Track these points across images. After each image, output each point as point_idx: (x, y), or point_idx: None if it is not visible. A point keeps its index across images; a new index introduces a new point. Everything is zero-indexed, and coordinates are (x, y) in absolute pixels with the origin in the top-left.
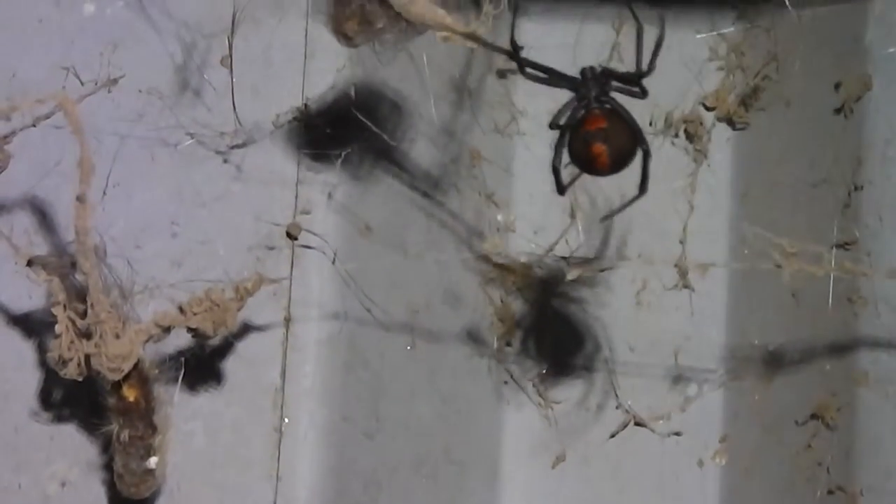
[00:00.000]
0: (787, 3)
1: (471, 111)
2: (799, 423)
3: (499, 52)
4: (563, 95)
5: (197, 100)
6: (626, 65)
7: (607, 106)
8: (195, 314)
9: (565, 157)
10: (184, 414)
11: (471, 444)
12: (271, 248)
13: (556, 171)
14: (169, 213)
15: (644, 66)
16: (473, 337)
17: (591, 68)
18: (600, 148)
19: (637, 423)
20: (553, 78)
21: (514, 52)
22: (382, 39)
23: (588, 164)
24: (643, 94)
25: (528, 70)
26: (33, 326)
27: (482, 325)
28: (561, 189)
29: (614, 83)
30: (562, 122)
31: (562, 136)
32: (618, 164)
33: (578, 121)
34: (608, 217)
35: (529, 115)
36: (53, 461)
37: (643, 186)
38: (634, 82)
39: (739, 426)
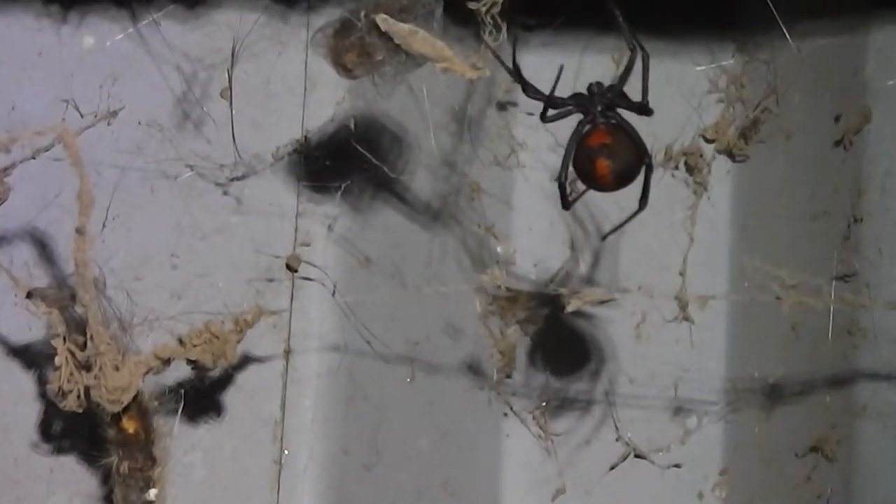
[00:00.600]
0: (787, 35)
1: (470, 143)
2: (799, 456)
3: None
4: (563, 131)
5: (197, 132)
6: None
7: (613, 121)
8: (195, 346)
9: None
10: (183, 446)
11: (470, 476)
12: (271, 281)
13: (560, 186)
14: (169, 246)
15: (645, 98)
16: (473, 369)
17: (598, 83)
18: (604, 163)
19: (637, 456)
20: (557, 97)
21: (517, 73)
22: (382, 71)
23: (592, 180)
24: (648, 111)
25: (531, 92)
26: (33, 358)
27: (482, 358)
28: (566, 204)
29: (619, 100)
30: (549, 114)
31: (566, 150)
32: (622, 179)
33: (583, 136)
34: (609, 234)
35: (529, 148)
36: (53, 493)
37: (644, 200)
38: (638, 104)
39: (739, 459)
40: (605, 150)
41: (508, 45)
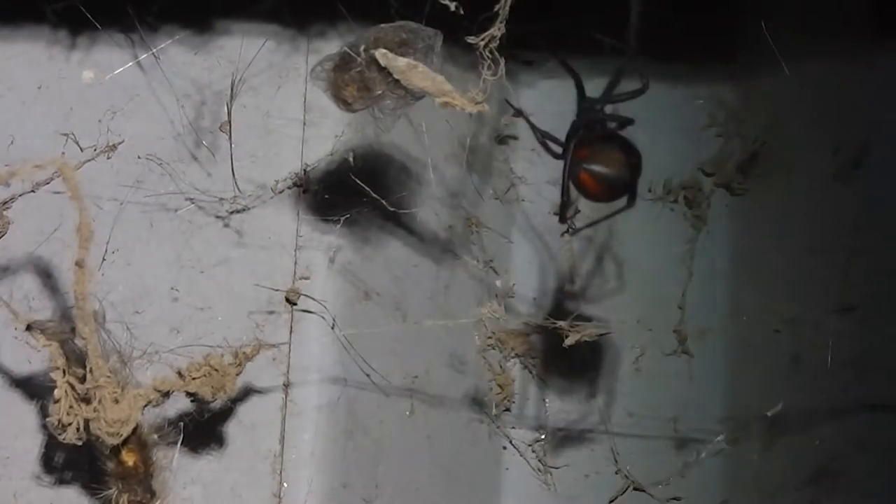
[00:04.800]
0: (786, 69)
1: (470, 177)
2: (798, 489)
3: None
4: (559, 167)
5: (196, 165)
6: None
7: (598, 133)
8: (194, 379)
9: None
10: (182, 479)
11: None
12: (271, 314)
13: (562, 204)
14: (168, 279)
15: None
16: (472, 402)
17: (588, 99)
18: (585, 175)
19: (636, 489)
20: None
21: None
22: (382, 105)
23: (584, 192)
24: (629, 121)
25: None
26: (33, 391)
27: (481, 391)
28: (562, 218)
29: (605, 113)
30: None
31: (563, 169)
32: (613, 188)
33: (573, 152)
34: (589, 226)
35: (529, 182)
36: None
37: (631, 199)
38: (619, 117)
39: (739, 491)
40: (585, 161)
41: (507, 81)
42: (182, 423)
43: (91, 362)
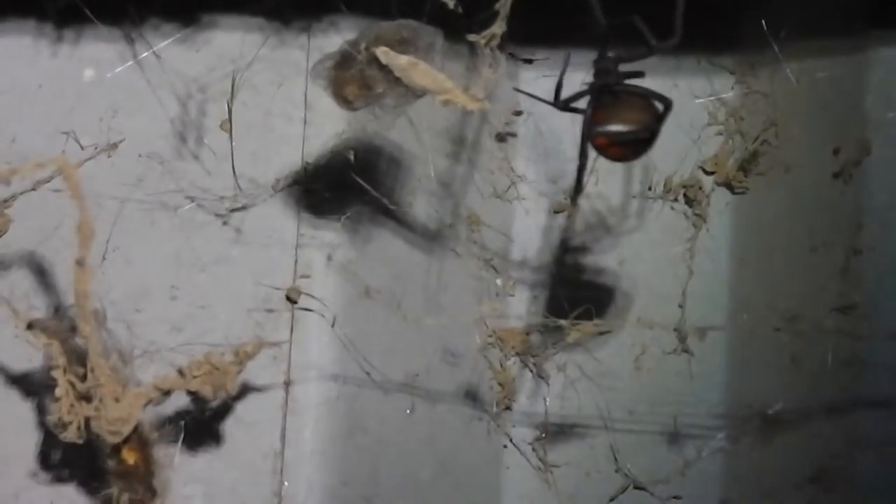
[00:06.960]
0: (787, 68)
1: (470, 176)
2: (798, 487)
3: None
4: (562, 164)
5: (197, 164)
6: None
7: (614, 92)
8: (195, 377)
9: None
10: (183, 477)
11: None
12: (271, 312)
13: (580, 168)
14: (168, 277)
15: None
16: (473, 400)
17: (602, 59)
18: (601, 139)
19: (637, 487)
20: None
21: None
22: (382, 103)
23: (603, 154)
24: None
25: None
26: (33, 390)
27: (481, 389)
28: (578, 184)
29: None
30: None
31: (581, 132)
32: (632, 147)
33: (590, 115)
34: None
35: (529, 180)
36: None
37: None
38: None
39: (739, 490)
40: (602, 123)
41: (507, 77)
42: (183, 422)
43: (92, 361)
